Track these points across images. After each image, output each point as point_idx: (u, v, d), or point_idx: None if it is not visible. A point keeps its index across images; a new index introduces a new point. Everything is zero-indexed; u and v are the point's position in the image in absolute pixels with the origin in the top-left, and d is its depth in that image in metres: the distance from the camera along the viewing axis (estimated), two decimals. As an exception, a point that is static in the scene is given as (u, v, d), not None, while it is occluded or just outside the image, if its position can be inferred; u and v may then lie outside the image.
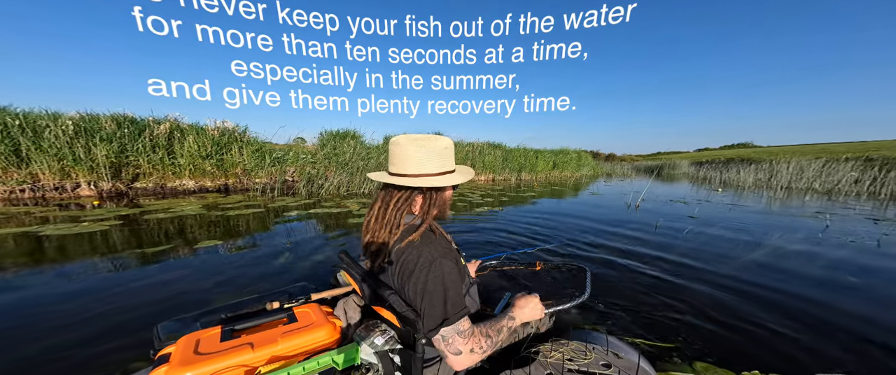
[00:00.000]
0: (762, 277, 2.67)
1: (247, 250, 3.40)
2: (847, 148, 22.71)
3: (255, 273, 2.73)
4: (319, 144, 10.37)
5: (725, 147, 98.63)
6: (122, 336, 1.75)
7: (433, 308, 0.84)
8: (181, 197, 7.09)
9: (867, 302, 2.24)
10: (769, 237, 3.96)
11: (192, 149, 7.92)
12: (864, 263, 3.03)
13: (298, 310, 1.05)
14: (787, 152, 22.12)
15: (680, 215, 5.40)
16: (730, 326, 1.93)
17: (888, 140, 41.57)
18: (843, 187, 10.11)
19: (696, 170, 19.81)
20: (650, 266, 2.90)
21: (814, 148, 30.56)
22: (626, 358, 1.00)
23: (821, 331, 1.89)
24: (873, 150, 14.96)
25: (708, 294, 2.35)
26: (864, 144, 29.39)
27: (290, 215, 5.26)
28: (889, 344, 1.76)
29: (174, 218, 4.74)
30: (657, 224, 4.60)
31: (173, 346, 0.96)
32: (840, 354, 1.69)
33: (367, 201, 6.79)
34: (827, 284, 2.56)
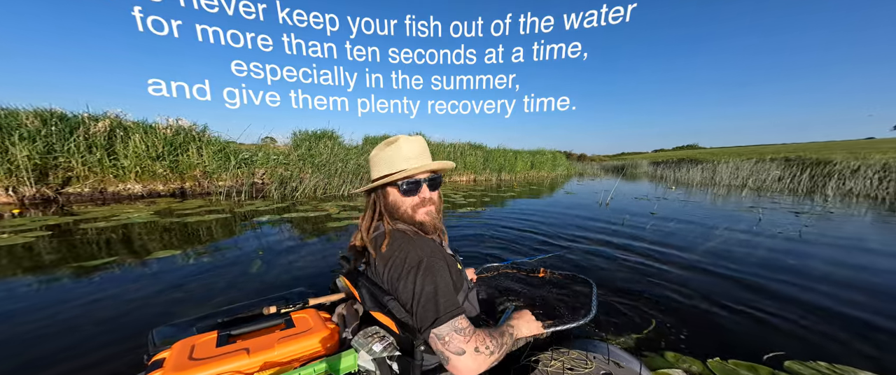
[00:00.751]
0: (714, 266, 2.97)
1: (210, 258, 3.09)
2: (774, 150, 25.50)
3: (221, 283, 2.49)
4: (293, 145, 9.72)
5: (677, 148, 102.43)
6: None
7: (425, 307, 0.80)
8: (126, 202, 6.37)
9: (797, 286, 2.55)
10: (716, 230, 4.42)
11: (139, 150, 7.12)
12: (792, 251, 3.49)
13: (296, 316, 1.04)
14: (727, 153, 24.25)
15: (643, 211, 5.84)
16: (692, 313, 2.11)
17: (804, 143, 48.62)
18: (770, 184, 11.10)
19: (653, 169, 20.98)
20: (621, 257, 3.18)
21: (747, 149, 33.64)
22: (628, 368, 0.99)
23: (769, 313, 2.13)
24: (791, 152, 16.73)
25: (670, 281, 2.58)
26: (786, 147, 32.20)
27: (260, 219, 4.95)
28: (819, 321, 2.04)
29: (118, 227, 4.20)
30: (624, 220, 4.96)
31: (168, 351, 0.95)
32: (783, 332, 1.93)
33: (347, 204, 6.58)
34: (766, 270, 2.88)
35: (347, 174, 8.66)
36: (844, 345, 1.76)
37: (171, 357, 0.90)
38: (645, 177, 17.06)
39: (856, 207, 6.70)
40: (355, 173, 8.84)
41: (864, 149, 17.19)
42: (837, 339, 1.83)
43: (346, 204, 6.49)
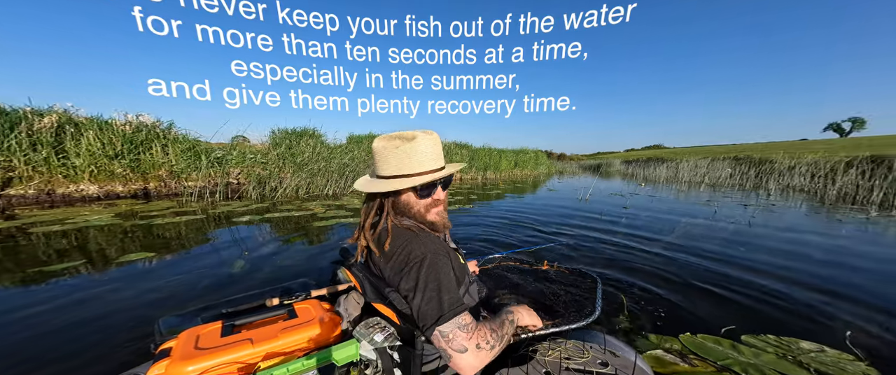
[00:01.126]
0: (679, 252, 3.08)
1: (191, 259, 2.79)
2: (725, 150, 26.33)
3: (205, 282, 2.27)
4: (271, 144, 8.63)
5: (645, 148, 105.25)
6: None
7: (428, 305, 0.75)
8: (80, 205, 5.53)
9: (747, 268, 2.69)
10: (680, 221, 4.55)
11: (94, 148, 6.13)
12: (742, 238, 3.67)
13: (298, 306, 0.99)
14: (687, 153, 25.03)
15: (617, 206, 5.92)
16: (664, 294, 2.16)
17: (750, 143, 51.05)
18: (722, 181, 11.61)
19: (625, 167, 21.36)
20: (600, 247, 3.25)
21: (703, 149, 34.63)
22: (624, 357, 0.94)
23: (725, 292, 2.24)
24: (740, 152, 17.41)
25: (644, 267, 2.65)
26: (735, 147, 33.43)
27: (240, 220, 4.47)
28: (766, 298, 2.16)
29: (74, 231, 3.65)
30: (601, 214, 5.02)
31: (174, 341, 0.90)
32: (737, 308, 2.02)
33: (332, 203, 6.08)
34: (721, 255, 3.02)
35: (331, 173, 7.87)
36: (787, 319, 1.87)
37: (177, 347, 0.85)
38: (618, 174, 17.29)
39: (793, 200, 6.99)
40: (339, 172, 8.03)
41: (799, 149, 17.92)
42: (781, 314, 1.93)
43: (332, 204, 5.98)
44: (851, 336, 1.67)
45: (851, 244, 3.45)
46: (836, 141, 40.55)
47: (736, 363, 1.45)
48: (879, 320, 1.86)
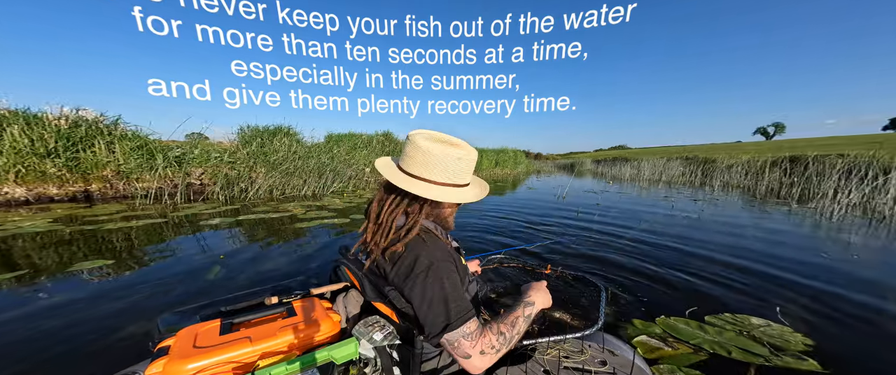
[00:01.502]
0: (646, 243, 3.12)
1: (155, 267, 2.37)
2: (678, 150, 26.93)
3: (178, 290, 1.95)
4: (240, 142, 7.40)
5: (612, 148, 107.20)
6: None
7: (435, 313, 0.68)
8: (3, 209, 4.55)
9: (702, 256, 2.76)
10: (644, 215, 4.63)
11: (20, 145, 4.96)
12: (696, 228, 3.81)
13: (297, 305, 0.90)
14: (647, 153, 25.55)
15: (591, 203, 5.94)
16: (638, 282, 2.17)
17: (700, 144, 53.92)
18: (676, 178, 11.94)
19: (595, 166, 21.49)
20: (579, 241, 3.24)
21: (660, 150, 35.44)
22: (622, 356, 0.88)
23: (687, 277, 2.29)
24: (689, 152, 17.79)
25: (619, 257, 2.66)
26: (685, 148, 34.19)
27: (209, 223, 3.84)
28: (719, 281, 2.22)
29: (1, 239, 2.98)
30: (578, 211, 5.01)
31: (173, 339, 0.81)
32: (697, 291, 2.06)
33: (313, 204, 5.41)
34: (681, 244, 3.09)
35: (309, 173, 6.97)
36: (737, 298, 1.93)
37: (176, 345, 0.77)
38: (589, 173, 17.39)
39: (732, 195, 7.24)
40: (318, 172, 7.13)
41: (735, 150, 18.70)
42: (732, 294, 1.99)
43: (311, 205, 5.32)
44: (781, 311, 1.75)
45: (778, 232, 3.61)
46: (764, 143, 42.92)
47: (705, 341, 1.47)
48: (806, 295, 1.96)
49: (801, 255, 2.77)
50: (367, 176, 8.56)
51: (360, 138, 10.66)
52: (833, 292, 2.02)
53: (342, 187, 7.56)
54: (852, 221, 4.26)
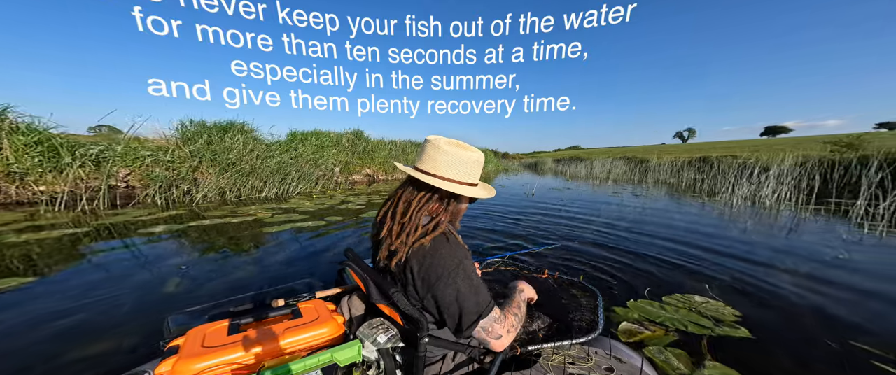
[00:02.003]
0: (605, 234, 3.13)
1: (96, 283, 1.77)
2: (621, 151, 27.30)
3: (126, 307, 1.50)
4: (181, 138, 5.74)
5: (568, 148, 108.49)
6: None
7: (468, 307, 0.67)
8: None
9: (649, 243, 2.80)
10: (601, 208, 4.69)
11: None
12: (641, 220, 3.86)
13: (303, 306, 0.82)
14: (598, 153, 25.26)
15: (556, 199, 5.80)
16: (609, 270, 2.13)
17: (637, 145, 55.65)
18: (620, 176, 11.94)
19: (556, 165, 21.26)
20: (552, 233, 3.16)
21: (607, 150, 35.42)
22: (629, 363, 0.77)
23: (642, 261, 2.31)
24: (628, 153, 18.03)
25: (587, 248, 2.65)
26: (626, 149, 34.79)
27: (152, 231, 2.96)
28: (665, 265, 2.24)
29: None
30: (547, 206, 4.92)
31: (182, 339, 0.72)
32: (647, 275, 2.05)
33: (278, 207, 4.45)
34: (631, 234, 3.12)
35: (271, 174, 5.81)
36: (680, 279, 1.98)
37: (185, 344, 0.69)
38: (550, 172, 17.23)
39: (662, 190, 7.57)
40: (282, 172, 6.01)
41: (661, 151, 19.65)
42: (677, 275, 2.04)
43: (277, 208, 4.39)
44: (712, 287, 1.82)
45: (697, 222, 3.82)
46: (681, 145, 45.64)
47: (667, 320, 1.48)
48: (726, 273, 2.06)
49: (717, 239, 2.92)
50: (337, 176, 7.45)
51: (328, 136, 8.87)
52: (743, 269, 2.14)
53: (310, 188, 6.50)
54: (746, 210, 4.63)
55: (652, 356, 1.22)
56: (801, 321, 1.50)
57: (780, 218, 4.10)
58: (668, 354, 1.22)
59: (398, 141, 11.49)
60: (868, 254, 2.52)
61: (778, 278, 2.00)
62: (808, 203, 5.16)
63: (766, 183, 5.88)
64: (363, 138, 9.99)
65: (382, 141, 10.87)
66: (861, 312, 1.56)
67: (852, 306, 1.62)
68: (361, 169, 9.04)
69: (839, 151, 7.94)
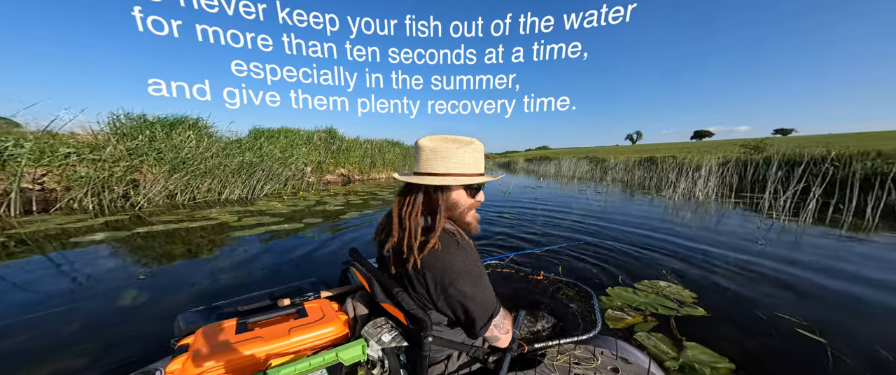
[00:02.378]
0: (579, 229, 3.12)
1: (32, 301, 1.42)
2: (583, 151, 27.33)
3: (74, 325, 1.22)
4: (112, 134, 4.61)
5: (538, 148, 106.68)
6: None
7: (482, 310, 0.63)
8: None
9: (613, 237, 2.79)
10: (571, 205, 4.68)
11: None
12: (605, 214, 3.91)
13: (309, 305, 0.76)
14: (564, 153, 25.21)
15: (530, 197, 5.73)
16: (587, 259, 2.14)
17: (596, 146, 56.09)
18: (584, 174, 11.83)
19: (527, 164, 20.04)
20: (530, 229, 3.12)
21: (572, 150, 35.57)
22: (636, 364, 0.69)
23: (611, 251, 2.30)
24: (590, 153, 18.29)
25: (563, 241, 2.61)
26: (588, 149, 35.08)
27: (91, 239, 2.38)
28: (631, 255, 2.25)
29: None
30: (523, 204, 4.84)
31: (192, 337, 0.67)
32: (619, 264, 2.06)
33: (245, 210, 3.95)
34: (601, 228, 3.13)
35: (230, 173, 4.98)
36: (643, 266, 2.00)
37: (195, 343, 0.63)
38: (522, 171, 17.00)
39: (619, 187, 7.80)
40: (246, 172, 5.19)
41: (616, 152, 20.25)
42: (640, 264, 2.06)
43: (244, 210, 3.80)
44: (670, 273, 1.87)
45: (649, 216, 3.97)
46: (632, 147, 47.54)
47: (641, 304, 1.49)
48: (679, 258, 2.14)
49: (667, 230, 3.03)
50: (309, 176, 6.70)
51: (298, 134, 7.86)
52: (691, 255, 2.23)
53: (278, 189, 5.77)
54: (685, 204, 4.92)
55: (642, 341, 1.21)
56: (739, 298, 1.58)
57: (710, 211, 4.39)
58: (655, 339, 1.23)
59: (375, 140, 10.32)
60: (775, 240, 2.71)
61: (717, 262, 2.10)
62: (729, 197, 5.56)
63: (698, 180, 6.25)
64: (337, 137, 8.94)
65: (357, 140, 9.74)
66: (778, 289, 1.69)
67: (771, 284, 1.75)
68: (335, 168, 8.24)
69: (749, 153, 8.68)
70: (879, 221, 3.39)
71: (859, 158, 5.42)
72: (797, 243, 2.62)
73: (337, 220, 3.45)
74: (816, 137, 24.63)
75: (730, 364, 1.06)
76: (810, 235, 2.90)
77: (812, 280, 1.79)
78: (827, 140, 14.52)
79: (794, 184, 4.53)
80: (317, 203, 4.68)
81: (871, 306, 1.50)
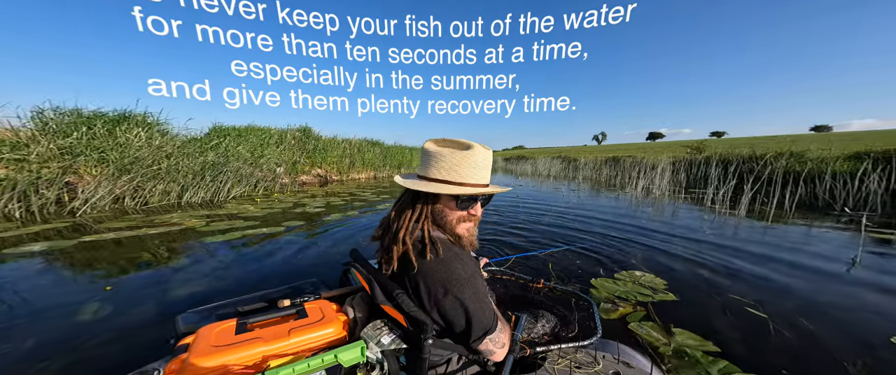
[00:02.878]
0: (557, 224, 3.08)
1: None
2: (555, 151, 26.59)
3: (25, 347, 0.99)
4: (39, 130, 3.58)
5: (514, 148, 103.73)
6: None
7: (476, 324, 0.55)
8: None
9: (588, 231, 2.81)
10: (548, 202, 4.60)
11: None
12: (580, 211, 3.85)
13: (308, 306, 0.69)
14: (539, 153, 24.80)
15: (511, 195, 5.37)
16: (570, 252, 2.13)
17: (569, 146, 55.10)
18: (558, 173, 12.09)
19: (505, 164, 19.33)
20: (515, 229, 3.08)
21: (545, 150, 34.80)
22: (638, 368, 0.64)
23: (590, 245, 2.31)
24: (564, 153, 18.02)
25: (547, 238, 2.56)
26: (560, 149, 34.31)
27: (28, 250, 1.95)
28: (611, 248, 2.24)
29: None
30: (507, 202, 4.87)
31: (192, 337, 0.60)
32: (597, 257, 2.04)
33: (213, 213, 3.36)
34: (578, 223, 3.12)
35: (191, 175, 4.27)
36: (619, 258, 1.99)
37: (194, 343, 0.56)
38: (501, 170, 16.43)
39: (589, 185, 7.80)
40: (210, 173, 4.50)
41: (585, 152, 19.70)
42: (618, 256, 2.05)
43: (212, 215, 3.26)
44: (640, 262, 1.89)
45: (616, 211, 4.01)
46: (598, 147, 48.23)
47: (623, 293, 1.49)
48: (645, 248, 2.18)
49: (632, 223, 3.07)
50: (282, 177, 5.94)
51: (268, 133, 6.85)
52: (656, 245, 2.27)
53: (248, 191, 5.09)
54: (644, 200, 5.08)
55: (635, 331, 1.17)
56: (696, 283, 1.64)
57: (664, 205, 4.57)
58: (647, 327, 1.21)
59: (354, 139, 9.10)
60: (717, 230, 2.82)
61: (676, 251, 2.16)
62: (680, 193, 5.79)
63: (655, 177, 6.47)
64: (313, 136, 7.80)
65: (335, 139, 8.58)
66: (726, 273, 1.76)
67: (720, 269, 1.82)
68: (311, 169, 7.27)
69: (692, 153, 9.06)
70: (795, 211, 3.65)
71: (777, 158, 5.76)
72: (735, 233, 2.74)
73: (318, 223, 3.01)
74: (743, 139, 25.65)
75: (715, 348, 1.06)
76: (743, 226, 3.02)
77: (749, 264, 1.90)
78: (751, 142, 15.05)
79: (730, 180, 4.76)
80: (294, 205, 4.04)
81: (791, 284, 1.61)
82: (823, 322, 1.22)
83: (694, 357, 1.01)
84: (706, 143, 10.90)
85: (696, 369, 0.96)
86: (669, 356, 1.02)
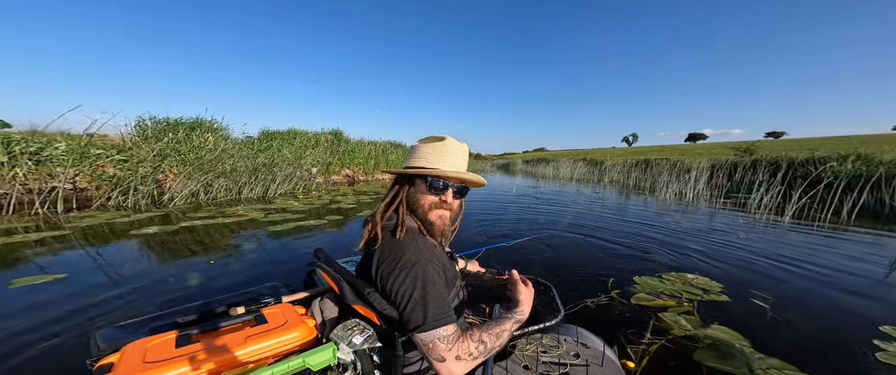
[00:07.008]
0: (576, 225, 3.43)
1: (123, 279, 1.79)
2: (582, 153, 28.19)
3: (155, 302, 1.55)
4: (139, 136, 5.09)
5: (535, 150, 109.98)
6: None
7: (412, 310, 0.59)
8: None
9: (611, 232, 3.14)
10: (569, 204, 5.10)
11: None
12: (605, 214, 4.23)
13: (267, 312, 0.74)
14: (561, 155, 26.36)
15: (532, 195, 6.35)
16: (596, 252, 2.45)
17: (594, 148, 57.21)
18: (582, 176, 12.56)
19: (525, 166, 21.33)
20: (530, 223, 3.45)
21: (568, 152, 36.80)
22: (593, 348, 0.82)
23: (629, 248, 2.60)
24: (588, 155, 19.20)
25: (562, 237, 2.92)
26: (585, 151, 36.47)
27: (145, 232, 2.78)
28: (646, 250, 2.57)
29: None
30: (527, 202, 5.30)
31: (116, 355, 0.61)
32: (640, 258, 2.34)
33: (267, 208, 4.25)
34: (599, 225, 3.45)
35: (249, 174, 5.33)
36: (669, 261, 2.26)
37: (121, 361, 0.58)
38: (520, 172, 17.36)
39: (615, 188, 8.18)
40: (265, 173, 5.57)
41: (613, 154, 20.85)
42: (664, 258, 2.32)
43: (266, 208, 4.17)
44: (693, 267, 2.13)
45: (647, 216, 4.21)
46: (628, 148, 50.30)
47: (667, 290, 1.76)
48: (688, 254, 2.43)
49: (672, 228, 3.35)
50: (316, 177, 7.10)
51: (306, 136, 8.55)
52: (707, 250, 2.54)
53: (291, 189, 6.16)
54: (677, 205, 5.33)
55: (664, 318, 1.45)
56: (743, 287, 1.87)
57: (700, 210, 4.81)
58: (678, 318, 1.46)
59: (378, 141, 11.24)
60: (770, 237, 3.14)
61: (725, 256, 2.45)
62: (719, 197, 6.10)
63: (689, 181, 6.83)
64: (343, 139, 9.70)
65: (362, 141, 10.55)
66: (776, 282, 1.98)
67: (771, 278, 2.06)
68: (341, 169, 8.86)
69: (740, 155, 9.57)
70: (855, 219, 4.02)
71: (841, 160, 6.08)
72: (785, 238, 3.07)
73: (354, 216, 3.90)
74: (806, 141, 26.91)
75: (745, 341, 1.29)
76: (800, 232, 3.35)
77: (794, 271, 2.18)
78: (811, 144, 16.13)
79: (778, 185, 5.11)
80: (330, 202, 5.03)
81: (855, 290, 1.87)
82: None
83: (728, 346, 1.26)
84: (759, 145, 11.27)
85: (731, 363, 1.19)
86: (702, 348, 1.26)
